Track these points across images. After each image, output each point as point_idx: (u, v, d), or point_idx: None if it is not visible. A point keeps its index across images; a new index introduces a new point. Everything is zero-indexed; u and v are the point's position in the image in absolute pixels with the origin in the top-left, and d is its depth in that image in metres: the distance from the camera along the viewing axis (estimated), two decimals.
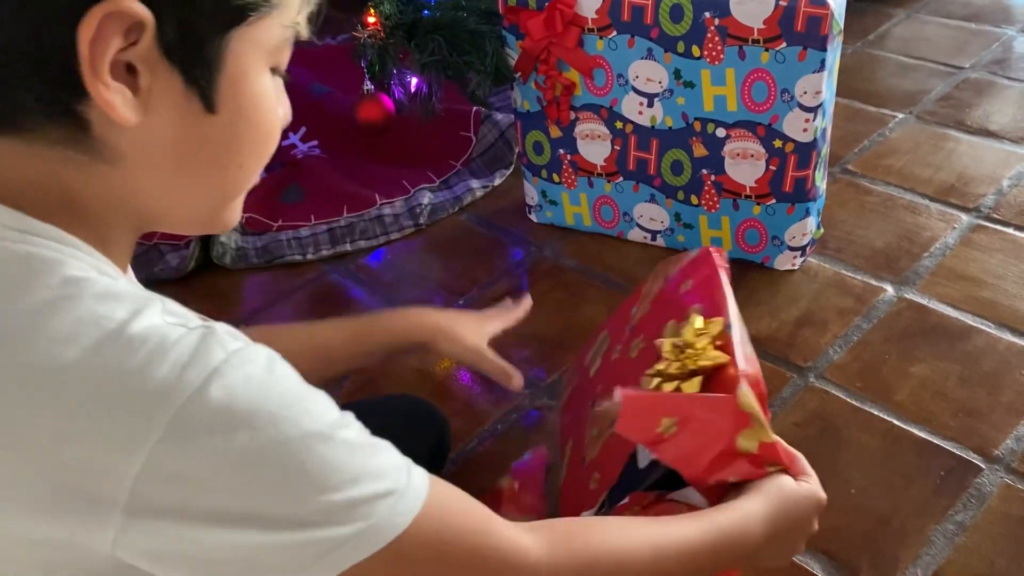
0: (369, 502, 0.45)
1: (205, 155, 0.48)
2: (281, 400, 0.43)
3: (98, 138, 0.44)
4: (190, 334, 0.42)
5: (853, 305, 1.14)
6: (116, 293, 0.43)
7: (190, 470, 0.41)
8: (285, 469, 0.43)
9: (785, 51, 1.05)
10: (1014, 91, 1.58)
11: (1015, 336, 1.07)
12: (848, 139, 1.47)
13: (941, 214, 1.29)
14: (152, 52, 0.43)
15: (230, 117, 0.47)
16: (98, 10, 0.40)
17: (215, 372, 0.41)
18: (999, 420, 0.97)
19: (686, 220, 1.23)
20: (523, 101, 1.24)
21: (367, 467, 0.46)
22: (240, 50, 0.45)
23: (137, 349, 0.41)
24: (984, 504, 0.88)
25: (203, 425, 0.41)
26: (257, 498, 0.42)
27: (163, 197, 0.49)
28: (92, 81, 0.42)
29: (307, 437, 0.44)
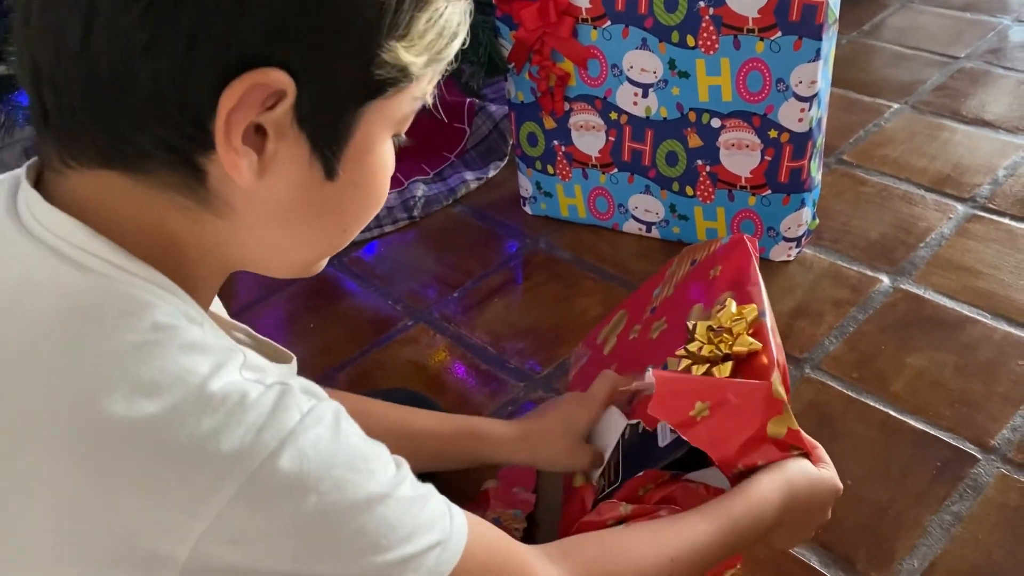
0: (420, 556, 0.46)
1: (315, 218, 0.48)
2: (347, 462, 0.44)
3: (211, 190, 0.44)
4: (268, 392, 0.42)
5: (849, 296, 1.14)
6: (201, 345, 0.42)
7: (254, 532, 0.41)
8: (346, 533, 0.44)
9: (780, 40, 1.04)
10: (1009, 80, 1.58)
11: (1011, 326, 1.07)
12: (844, 129, 1.47)
13: (937, 204, 1.29)
14: (285, 118, 0.43)
15: (347, 185, 0.47)
16: (246, 79, 0.40)
17: (290, 435, 0.42)
18: (995, 410, 0.97)
19: (681, 211, 1.22)
20: (517, 92, 1.23)
21: (418, 522, 0.47)
22: (371, 121, 0.45)
23: (216, 408, 0.41)
24: (980, 494, 0.88)
25: (274, 490, 0.41)
26: (315, 563, 0.43)
27: (263, 249, 0.49)
28: (223, 142, 0.42)
29: (370, 500, 0.45)
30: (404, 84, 0.45)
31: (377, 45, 0.43)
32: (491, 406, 1.04)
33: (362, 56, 0.43)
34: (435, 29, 0.45)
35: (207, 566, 0.41)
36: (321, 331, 1.19)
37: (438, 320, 1.18)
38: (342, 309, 1.22)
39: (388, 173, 0.50)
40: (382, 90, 0.45)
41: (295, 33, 0.41)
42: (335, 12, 0.41)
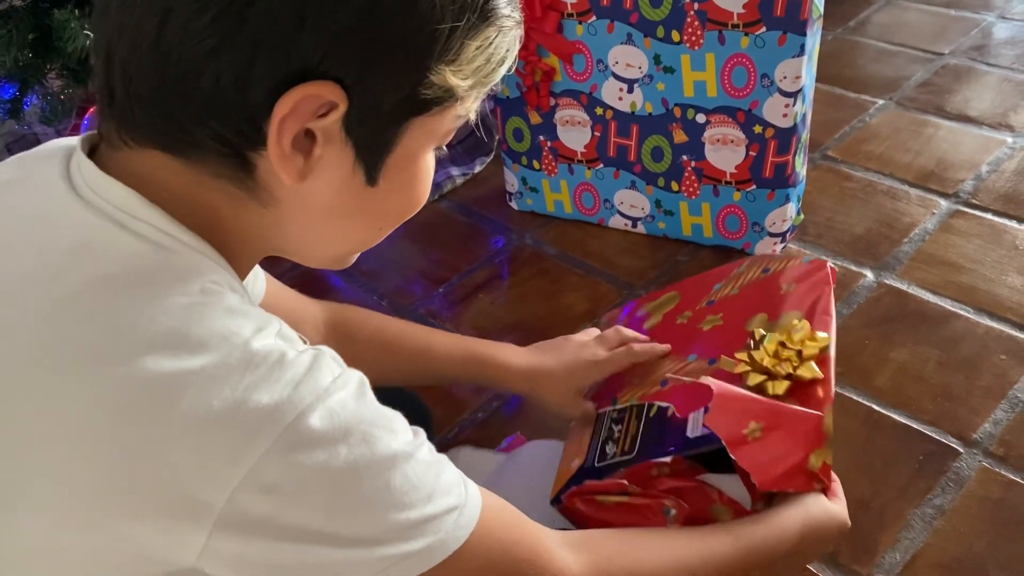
0: (439, 518, 0.48)
1: (353, 218, 0.51)
2: (373, 421, 0.46)
3: (259, 182, 0.47)
4: (303, 355, 0.45)
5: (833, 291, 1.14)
6: (244, 310, 0.45)
7: (287, 483, 0.43)
8: (373, 487, 0.45)
9: (765, 36, 1.05)
10: (993, 77, 1.58)
11: (993, 320, 1.08)
12: (829, 125, 1.47)
13: (920, 200, 1.30)
14: (334, 127, 0.45)
15: (387, 191, 0.50)
16: (301, 90, 0.43)
17: (324, 393, 0.44)
18: (977, 404, 0.97)
19: (667, 207, 1.22)
20: (503, 87, 1.23)
21: (438, 484, 0.49)
22: (414, 135, 0.48)
23: (259, 365, 0.43)
24: (962, 488, 0.89)
25: (308, 442, 0.43)
26: (343, 515, 0.45)
27: (302, 241, 0.52)
28: (274, 144, 0.44)
29: (395, 457, 0.46)
30: (449, 103, 0.48)
31: (427, 68, 0.45)
32: (476, 402, 1.04)
33: (412, 77, 0.45)
34: (484, 56, 0.48)
35: (241, 517, 0.42)
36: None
37: (424, 316, 1.18)
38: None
39: (428, 182, 0.52)
40: (427, 108, 0.47)
41: (350, 51, 0.43)
42: (390, 35, 0.44)
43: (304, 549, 0.44)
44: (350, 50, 0.43)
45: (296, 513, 0.43)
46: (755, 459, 0.65)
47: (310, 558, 0.45)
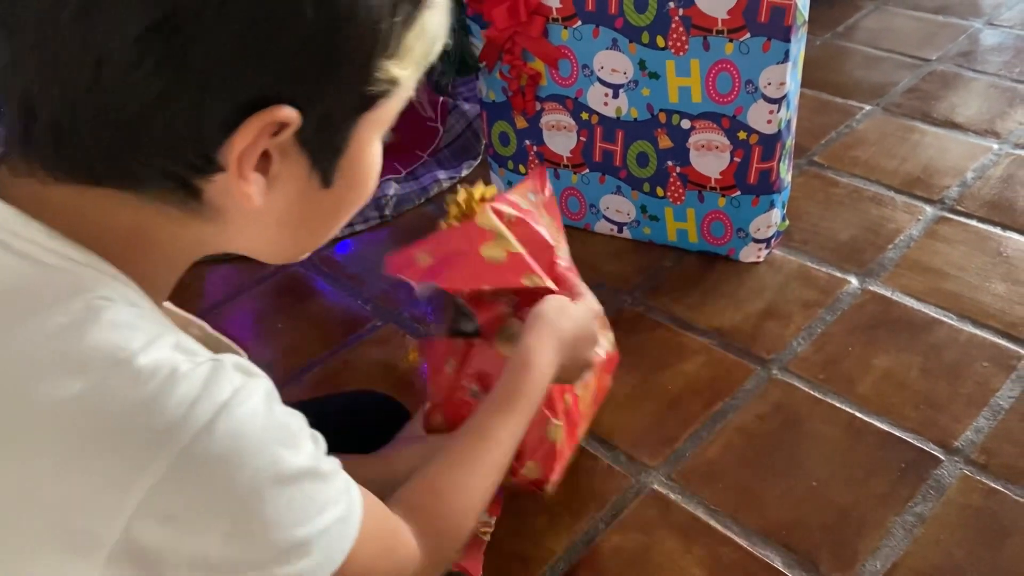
0: (328, 530, 0.47)
1: (310, 220, 0.50)
2: (279, 438, 0.44)
3: (206, 203, 0.46)
4: (199, 367, 0.42)
5: (817, 297, 1.14)
6: (133, 323, 0.43)
7: (188, 510, 0.41)
8: (277, 507, 0.44)
9: (749, 42, 1.05)
10: (980, 83, 1.59)
11: (976, 328, 1.08)
12: (815, 131, 1.48)
13: (906, 206, 1.30)
14: (288, 142, 0.45)
15: (342, 188, 0.49)
16: (259, 118, 0.42)
17: (223, 408, 0.42)
18: (959, 411, 0.97)
19: (652, 212, 1.22)
20: (489, 91, 1.23)
21: (330, 495, 0.48)
22: (364, 131, 0.48)
23: (146, 381, 0.40)
24: (943, 495, 0.89)
25: (208, 463, 0.41)
26: (244, 539, 0.43)
27: (253, 244, 0.51)
28: (235, 175, 0.44)
29: (299, 474, 0.45)
30: (392, 92, 0.47)
31: (372, 68, 0.45)
32: None
33: (359, 80, 0.45)
34: (422, 41, 0.47)
35: (137, 548, 0.40)
36: (290, 331, 1.18)
37: (408, 320, 1.17)
38: (311, 309, 1.22)
39: (378, 169, 0.52)
40: (374, 103, 0.47)
41: (298, 74, 0.43)
42: (335, 49, 0.43)
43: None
44: (298, 72, 0.43)
45: (195, 541, 0.42)
46: (435, 273, 0.76)
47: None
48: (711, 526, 0.87)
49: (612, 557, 0.85)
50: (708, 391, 1.02)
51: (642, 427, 0.98)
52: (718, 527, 0.87)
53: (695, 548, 0.85)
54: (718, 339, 1.09)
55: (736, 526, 0.87)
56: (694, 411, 0.99)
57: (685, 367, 1.05)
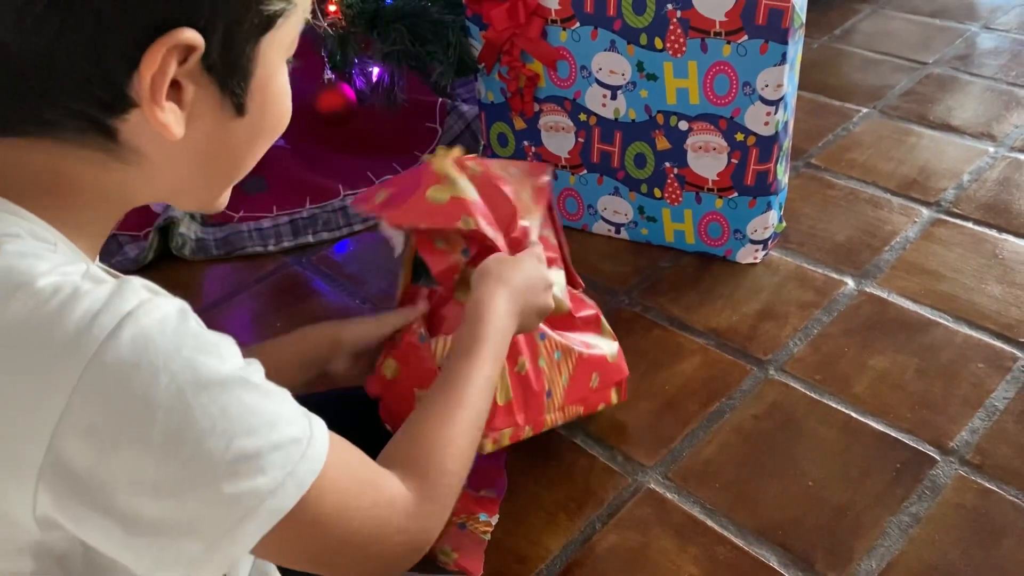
0: (285, 447, 0.45)
1: (227, 153, 0.50)
2: (196, 345, 0.43)
3: (123, 143, 0.46)
4: (103, 285, 0.42)
5: (814, 298, 1.15)
6: (39, 253, 0.43)
7: (107, 422, 0.40)
8: (208, 414, 0.42)
9: (747, 44, 1.05)
10: (976, 87, 1.59)
11: (972, 329, 1.08)
12: (812, 133, 1.48)
13: (902, 208, 1.30)
14: (196, 69, 0.45)
15: (255, 116, 0.50)
16: (162, 43, 0.43)
17: (128, 316, 0.41)
18: (955, 412, 0.98)
19: (649, 213, 1.23)
20: (487, 92, 1.23)
21: (281, 412, 0.46)
22: (268, 54, 0.48)
23: (47, 300, 0.41)
24: (938, 496, 0.89)
25: (119, 372, 0.40)
26: (177, 451, 0.41)
27: (175, 187, 0.51)
28: (150, 106, 0.44)
29: (226, 381, 0.43)
30: (290, 11, 0.48)
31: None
32: None
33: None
34: None
35: (66, 468, 0.40)
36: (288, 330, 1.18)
37: None
38: (310, 308, 1.22)
39: (289, 95, 0.53)
40: (273, 23, 0.47)
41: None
42: None
43: (143, 503, 0.41)
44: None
45: (126, 458, 0.40)
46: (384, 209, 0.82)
47: (153, 512, 0.42)
48: (707, 525, 0.87)
49: (608, 556, 0.85)
50: (705, 391, 1.02)
51: (639, 427, 0.98)
52: (714, 526, 0.87)
53: (691, 547, 0.85)
54: (715, 339, 1.09)
55: (732, 525, 0.87)
56: (691, 411, 1.00)
57: (682, 367, 1.06)
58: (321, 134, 1.51)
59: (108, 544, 0.43)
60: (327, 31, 1.21)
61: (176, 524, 0.42)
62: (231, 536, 0.43)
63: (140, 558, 0.43)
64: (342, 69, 1.26)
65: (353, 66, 1.26)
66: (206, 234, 1.32)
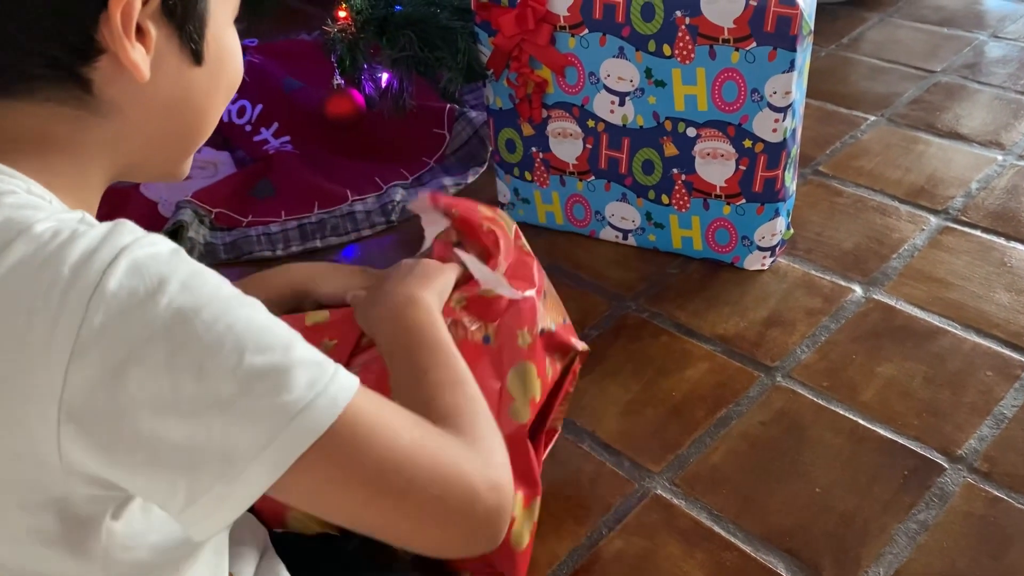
0: (309, 367, 0.43)
1: (189, 103, 0.53)
2: (192, 270, 0.43)
3: (97, 95, 0.48)
4: (99, 227, 0.44)
5: (821, 305, 1.15)
6: (36, 204, 0.46)
7: (117, 351, 0.41)
8: (213, 330, 0.41)
9: (755, 51, 1.05)
10: (984, 95, 1.59)
11: (980, 337, 1.08)
12: (820, 140, 1.48)
13: (910, 216, 1.30)
14: (156, 12, 0.48)
15: (212, 67, 0.53)
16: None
17: (124, 249, 0.42)
18: (963, 420, 0.97)
19: (657, 219, 1.23)
20: (495, 98, 1.24)
21: (294, 337, 0.45)
22: (218, 8, 0.52)
23: (46, 243, 0.42)
24: (946, 503, 0.89)
25: (120, 299, 0.41)
26: (190, 369, 0.41)
27: (144, 146, 0.53)
28: (121, 45, 0.46)
29: (228, 299, 0.43)
30: None
31: None
32: None
33: None
34: None
35: (85, 400, 0.41)
36: None
37: None
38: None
39: (240, 54, 0.56)
40: None
41: None
42: None
43: (165, 426, 0.41)
44: None
45: (137, 380, 0.41)
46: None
47: (176, 436, 0.41)
48: (714, 531, 0.87)
49: (615, 562, 0.85)
50: (712, 397, 1.02)
51: (646, 433, 0.98)
52: (721, 532, 0.87)
53: (698, 553, 0.85)
54: (722, 346, 1.09)
55: (739, 532, 0.87)
56: (698, 417, 1.00)
57: (689, 373, 1.06)
58: (329, 140, 1.52)
59: (137, 480, 0.43)
60: (336, 37, 1.21)
61: (202, 448, 0.41)
62: (260, 459, 0.41)
63: (173, 491, 0.42)
64: (351, 75, 1.27)
65: (362, 72, 1.26)
66: (215, 238, 1.33)
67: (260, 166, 1.47)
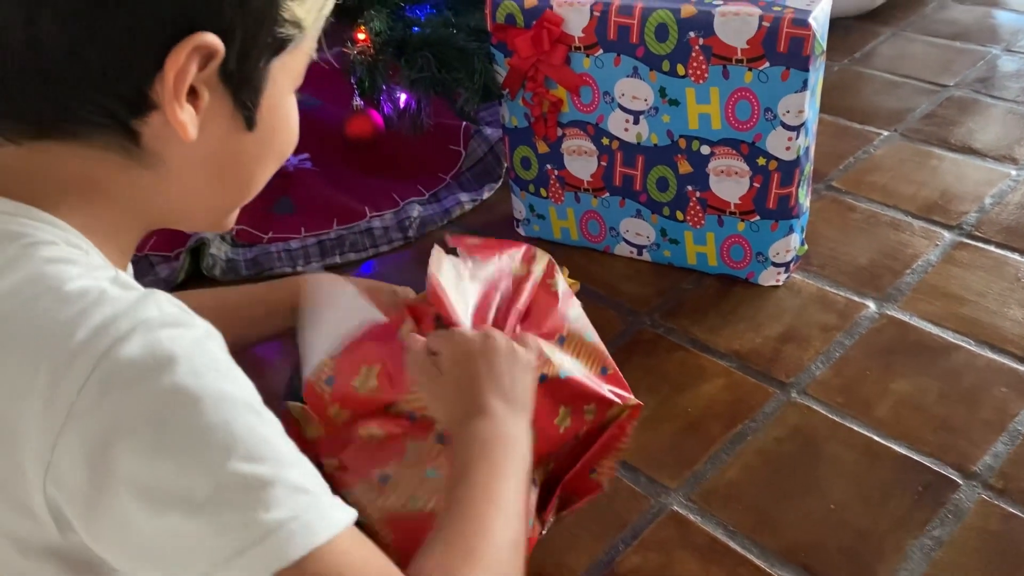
0: (295, 490, 0.42)
1: (236, 166, 0.54)
2: (209, 361, 0.43)
3: (145, 148, 0.50)
4: (129, 292, 0.44)
5: (836, 321, 1.15)
6: (71, 259, 0.46)
7: (105, 418, 0.40)
8: (208, 424, 0.41)
9: (768, 71, 1.07)
10: (998, 109, 1.60)
11: (994, 353, 1.08)
12: (833, 156, 1.49)
13: (924, 231, 1.31)
14: (213, 77, 0.49)
15: (264, 134, 0.53)
16: (187, 43, 0.46)
17: (143, 323, 0.42)
18: (977, 436, 0.98)
19: (672, 235, 1.24)
20: (511, 117, 1.26)
21: (295, 458, 0.44)
22: (279, 76, 0.52)
23: (73, 303, 0.43)
24: (961, 520, 0.89)
25: (125, 371, 0.41)
26: (176, 457, 0.41)
27: (188, 200, 0.54)
28: (171, 104, 0.47)
29: (235, 400, 0.42)
30: (299, 39, 0.52)
31: (278, 5, 0.50)
32: None
33: (269, 16, 0.50)
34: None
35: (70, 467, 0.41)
36: None
37: None
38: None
39: (296, 123, 0.56)
40: (284, 45, 0.51)
41: (217, 1, 0.47)
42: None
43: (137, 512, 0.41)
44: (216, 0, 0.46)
45: (120, 456, 0.40)
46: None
47: (146, 526, 0.41)
48: (730, 547, 0.88)
49: None
50: (727, 413, 1.03)
51: (661, 449, 0.99)
52: (737, 548, 0.88)
53: (714, 569, 0.86)
54: (737, 362, 1.10)
55: (755, 547, 0.88)
56: (713, 433, 1.01)
57: (704, 389, 1.07)
58: (347, 157, 1.54)
59: (111, 556, 0.43)
60: (356, 58, 1.23)
61: (168, 543, 0.41)
62: (231, 565, 0.41)
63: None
64: (371, 95, 1.29)
65: (381, 93, 1.28)
66: (236, 255, 1.35)
67: (280, 183, 1.50)
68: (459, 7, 1.36)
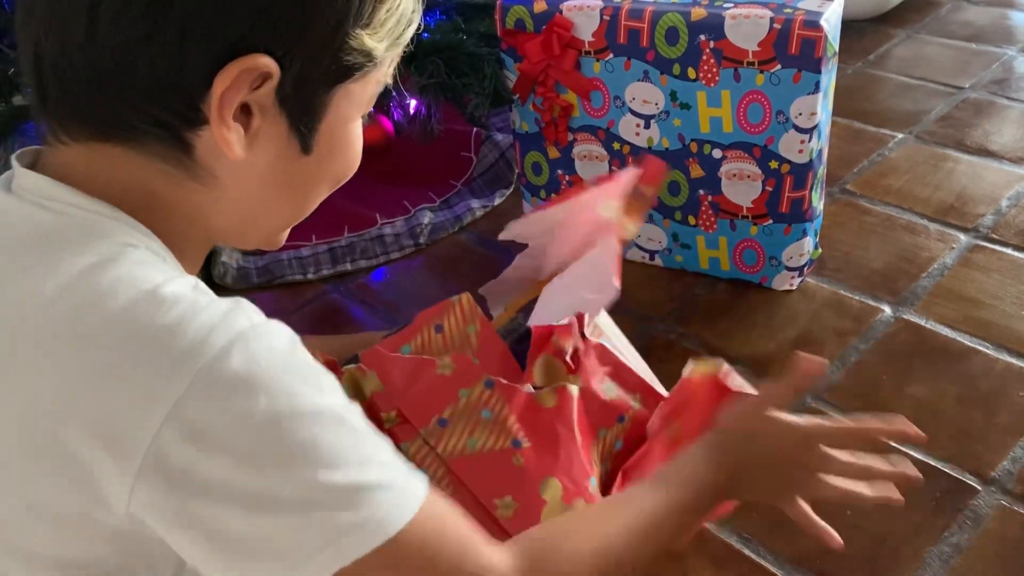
0: (373, 489, 0.46)
1: (290, 188, 0.53)
2: (300, 374, 0.45)
3: (198, 162, 0.49)
4: (220, 302, 0.45)
5: (851, 326, 1.14)
6: (156, 264, 0.47)
7: (208, 428, 0.42)
8: (297, 440, 0.44)
9: (780, 73, 1.06)
10: (1014, 111, 1.58)
11: (1012, 357, 1.07)
12: (848, 159, 1.48)
13: (940, 234, 1.30)
14: (268, 98, 0.48)
15: (320, 159, 0.52)
16: (238, 63, 0.46)
17: (239, 337, 0.44)
18: (996, 441, 0.97)
19: (684, 240, 1.23)
20: (522, 122, 1.25)
21: (374, 455, 0.47)
22: (341, 102, 0.51)
23: (170, 308, 0.44)
24: (980, 526, 0.88)
25: (224, 385, 0.43)
26: (265, 470, 0.44)
27: (241, 218, 0.54)
28: (216, 121, 0.47)
29: (321, 414, 0.45)
30: (369, 68, 0.51)
31: (346, 34, 0.48)
32: None
33: (333, 43, 0.48)
34: (394, 17, 0.51)
35: (165, 463, 0.42)
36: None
37: None
38: (348, 335, 1.24)
39: (358, 149, 0.55)
40: (350, 74, 0.50)
41: (277, 23, 0.46)
42: (311, 5, 0.47)
43: (229, 515, 0.43)
44: (276, 21, 0.46)
45: (216, 465, 0.43)
46: None
47: (237, 527, 0.44)
48: (744, 554, 0.87)
49: None
50: None
51: None
52: (752, 555, 0.87)
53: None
54: (751, 367, 1.09)
55: (770, 555, 0.87)
56: None
57: None
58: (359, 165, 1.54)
59: (192, 553, 0.45)
60: None
61: (255, 543, 0.44)
62: (305, 566, 0.44)
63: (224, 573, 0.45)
64: (381, 103, 1.29)
65: (391, 99, 1.28)
66: (247, 262, 1.35)
67: None
68: (469, 12, 1.36)
